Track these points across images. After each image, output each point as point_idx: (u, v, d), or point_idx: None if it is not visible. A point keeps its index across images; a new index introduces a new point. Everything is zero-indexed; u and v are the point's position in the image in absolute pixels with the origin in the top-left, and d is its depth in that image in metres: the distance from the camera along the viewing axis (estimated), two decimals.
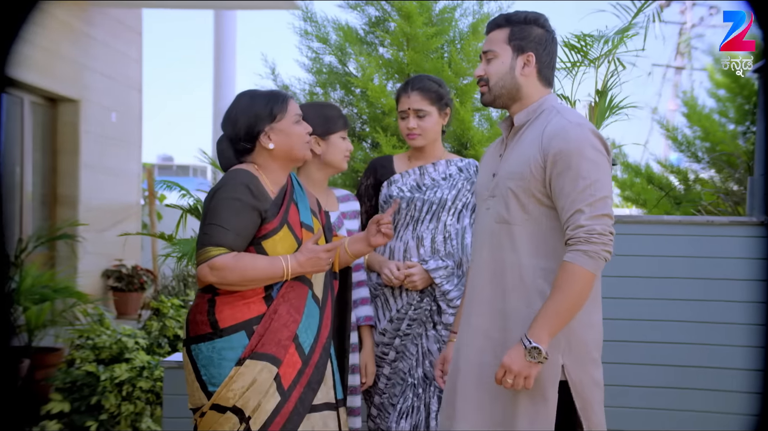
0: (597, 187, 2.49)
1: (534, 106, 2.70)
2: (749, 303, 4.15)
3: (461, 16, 4.90)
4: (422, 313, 3.38)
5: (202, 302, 2.83)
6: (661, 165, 7.13)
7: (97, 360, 5.43)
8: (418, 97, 3.39)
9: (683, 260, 4.32)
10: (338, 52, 4.83)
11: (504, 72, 2.69)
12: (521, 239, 2.61)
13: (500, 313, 2.65)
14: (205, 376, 2.78)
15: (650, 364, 4.32)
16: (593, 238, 2.46)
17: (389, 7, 4.82)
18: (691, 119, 7.04)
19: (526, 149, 2.62)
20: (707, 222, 4.40)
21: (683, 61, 12.32)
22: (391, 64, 4.66)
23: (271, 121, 2.87)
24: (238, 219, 2.74)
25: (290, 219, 2.87)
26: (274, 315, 2.78)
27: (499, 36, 2.70)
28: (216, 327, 2.77)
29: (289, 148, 2.90)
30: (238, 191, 2.77)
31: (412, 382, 3.38)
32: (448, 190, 3.42)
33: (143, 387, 5.24)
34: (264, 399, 2.72)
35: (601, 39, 4.29)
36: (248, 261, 2.73)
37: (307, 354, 2.81)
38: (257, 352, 2.74)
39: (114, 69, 8.67)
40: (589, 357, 2.59)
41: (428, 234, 3.40)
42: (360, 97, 4.81)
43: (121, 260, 8.47)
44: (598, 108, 4.39)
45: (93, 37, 8.25)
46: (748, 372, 3.94)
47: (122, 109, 8.84)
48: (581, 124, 2.58)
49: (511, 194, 2.62)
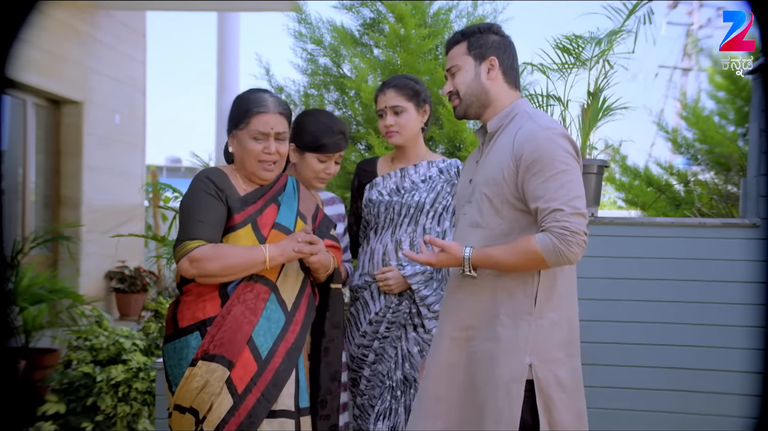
0: (570, 187, 2.54)
1: (506, 111, 2.75)
2: (743, 305, 4.13)
3: (456, 17, 4.89)
4: (401, 316, 3.39)
5: (172, 303, 2.87)
6: (661, 167, 7.12)
7: (94, 362, 5.45)
8: (393, 94, 3.41)
9: (676, 262, 4.31)
10: (333, 53, 4.83)
11: (470, 80, 2.76)
12: (492, 242, 2.65)
13: (467, 313, 2.70)
14: (170, 376, 2.81)
15: (643, 366, 4.31)
16: (567, 236, 2.49)
17: (384, 8, 4.82)
18: (690, 121, 7.02)
19: (499, 154, 2.67)
20: (700, 224, 4.38)
21: (691, 62, 12.25)
22: (385, 65, 4.65)
23: (234, 128, 2.91)
24: (208, 210, 2.77)
25: (260, 219, 2.87)
26: (227, 315, 2.75)
27: (459, 50, 2.79)
28: (176, 328, 2.80)
29: (241, 159, 2.91)
30: (202, 185, 2.80)
31: (390, 384, 3.40)
32: (427, 193, 3.42)
33: (139, 389, 5.25)
34: (216, 401, 2.69)
35: (594, 41, 4.28)
36: (227, 250, 2.74)
37: (264, 359, 2.76)
38: (209, 353, 2.72)
39: (118, 71, 8.71)
40: (551, 355, 2.61)
41: (407, 237, 3.41)
42: (354, 99, 4.81)
43: (124, 261, 8.50)
44: (590, 109, 4.38)
45: (98, 39, 8.30)
46: (745, 374, 3.92)
47: (126, 110, 8.88)
48: (551, 128, 2.63)
49: (485, 199, 2.67)
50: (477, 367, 2.67)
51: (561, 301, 2.66)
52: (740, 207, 4.49)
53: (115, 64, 8.68)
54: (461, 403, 2.71)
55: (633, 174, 7.03)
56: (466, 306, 2.71)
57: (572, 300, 2.72)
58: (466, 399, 2.69)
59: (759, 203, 4.23)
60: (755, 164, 4.32)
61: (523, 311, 2.61)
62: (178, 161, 18.52)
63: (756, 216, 4.27)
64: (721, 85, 7.43)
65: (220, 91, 8.58)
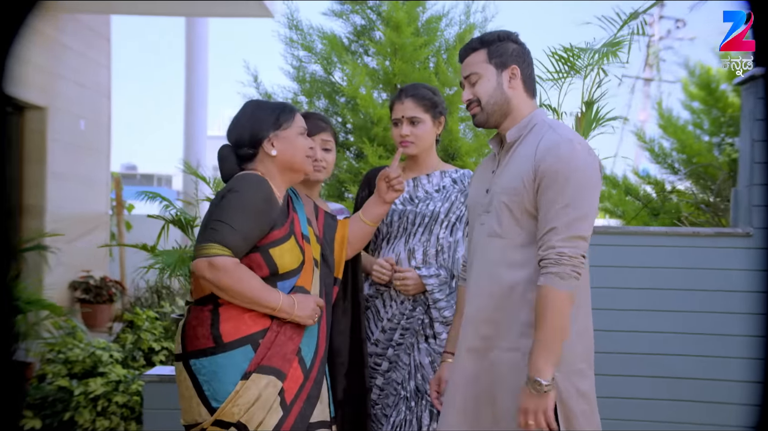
0: (577, 206, 2.52)
1: (524, 121, 2.73)
2: (739, 315, 4.17)
3: (447, 26, 4.87)
4: (415, 322, 3.35)
5: (202, 314, 2.75)
6: (637, 175, 7.20)
7: (69, 375, 5.30)
8: (411, 104, 3.37)
9: (669, 271, 4.33)
10: (324, 60, 4.77)
11: (493, 89, 2.72)
12: (512, 252, 2.63)
13: (487, 323, 2.67)
14: (208, 391, 2.70)
15: (639, 376, 4.32)
16: (563, 260, 2.48)
17: (374, 15, 4.78)
18: (667, 131, 7.11)
19: (521, 164, 2.65)
20: (694, 234, 4.41)
21: (652, 72, 12.56)
22: (377, 73, 4.61)
23: (276, 129, 2.86)
24: (248, 222, 2.70)
25: (296, 230, 2.86)
26: (279, 328, 2.75)
27: (478, 58, 2.75)
28: (219, 341, 2.71)
29: (291, 156, 2.87)
30: (252, 194, 2.73)
31: (405, 395, 3.36)
32: (441, 202, 3.39)
33: (119, 402, 5.12)
34: (268, 415, 2.67)
35: (589, 51, 4.29)
36: (246, 276, 2.69)
37: (308, 368, 2.79)
38: (263, 366, 2.69)
39: (83, 76, 8.52)
40: (575, 367, 2.60)
41: (420, 247, 3.37)
42: (344, 106, 4.76)
43: (89, 271, 8.30)
44: (584, 119, 4.39)
45: (62, 43, 8.11)
46: (743, 383, 3.95)
47: (91, 116, 8.69)
48: (572, 140, 2.61)
49: (504, 208, 2.64)
50: (497, 377, 2.64)
51: (579, 311, 2.64)
52: (731, 216, 4.54)
53: (80, 68, 8.48)
54: (476, 414, 2.68)
55: (611, 183, 7.10)
56: (485, 316, 2.68)
57: (588, 310, 2.72)
58: (483, 409, 2.66)
59: (752, 212, 4.28)
60: (747, 174, 4.37)
61: None
62: (134, 168, 18.26)
63: (749, 225, 4.31)
64: (696, 95, 7.55)
65: (189, 97, 8.45)
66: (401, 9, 4.51)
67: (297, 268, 2.82)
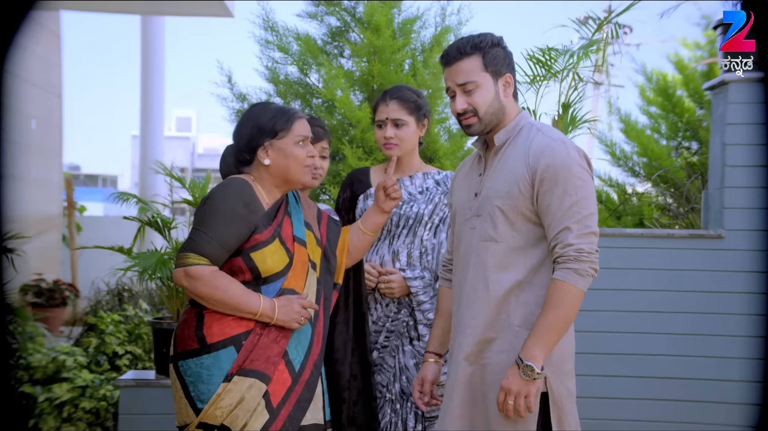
0: (583, 204, 2.55)
1: (512, 124, 2.72)
2: (711, 315, 4.27)
3: (421, 28, 4.87)
4: (399, 325, 3.36)
5: (190, 317, 2.77)
6: (600, 178, 7.31)
7: (31, 381, 5.14)
8: (396, 106, 3.37)
9: (646, 272, 4.41)
10: (299, 62, 4.72)
11: (491, 99, 2.69)
12: (508, 256, 2.63)
13: (481, 327, 2.66)
14: (193, 393, 2.70)
15: (612, 376, 4.39)
16: (582, 257, 2.50)
17: (349, 17, 4.75)
18: (629, 135, 7.25)
19: (512, 167, 2.65)
20: (668, 236, 4.49)
21: (601, 77, 12.79)
22: (354, 74, 4.59)
23: (272, 137, 2.82)
24: (224, 229, 2.70)
25: (283, 233, 2.83)
26: (263, 331, 2.73)
27: (473, 65, 2.68)
28: (203, 343, 2.71)
29: (285, 168, 2.84)
30: (230, 200, 2.73)
31: (390, 397, 3.35)
32: (425, 204, 3.40)
33: (86, 408, 4.99)
34: (252, 418, 2.66)
35: (566, 53, 4.34)
36: (224, 283, 2.70)
37: (297, 372, 2.76)
38: (245, 368, 2.68)
39: (32, 74, 8.28)
40: (566, 367, 2.63)
41: (404, 249, 3.38)
42: (319, 107, 4.73)
43: (41, 274, 8.08)
44: (561, 121, 4.43)
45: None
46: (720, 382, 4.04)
47: (42, 115, 8.46)
48: (565, 142, 2.64)
49: (498, 212, 2.64)
50: (489, 378, 2.64)
51: None
52: (702, 218, 4.64)
53: (29, 66, 8.24)
54: (471, 417, 2.68)
55: None
56: (482, 322, 2.67)
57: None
58: (477, 412, 2.66)
59: (724, 215, 4.38)
60: (717, 177, 4.47)
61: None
62: (77, 168, 17.88)
63: (720, 227, 4.42)
64: (653, 101, 7.71)
65: (145, 97, 8.30)
66: (379, 11, 4.50)
67: (282, 270, 2.80)
